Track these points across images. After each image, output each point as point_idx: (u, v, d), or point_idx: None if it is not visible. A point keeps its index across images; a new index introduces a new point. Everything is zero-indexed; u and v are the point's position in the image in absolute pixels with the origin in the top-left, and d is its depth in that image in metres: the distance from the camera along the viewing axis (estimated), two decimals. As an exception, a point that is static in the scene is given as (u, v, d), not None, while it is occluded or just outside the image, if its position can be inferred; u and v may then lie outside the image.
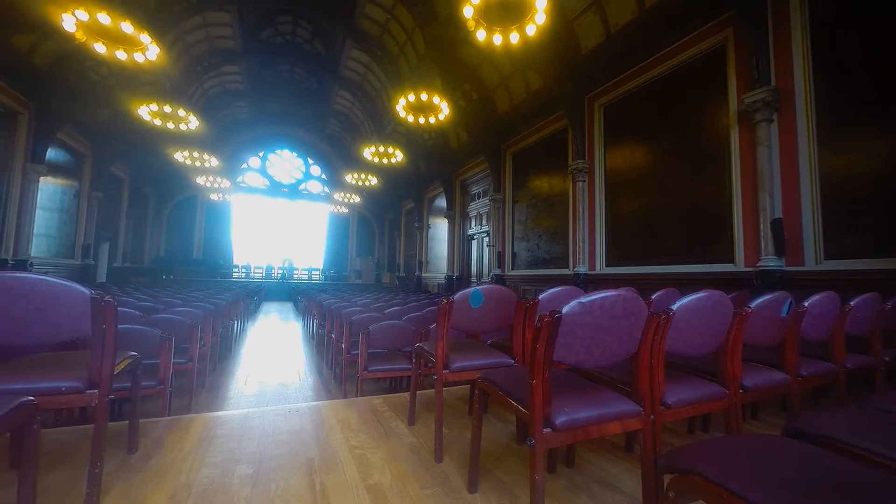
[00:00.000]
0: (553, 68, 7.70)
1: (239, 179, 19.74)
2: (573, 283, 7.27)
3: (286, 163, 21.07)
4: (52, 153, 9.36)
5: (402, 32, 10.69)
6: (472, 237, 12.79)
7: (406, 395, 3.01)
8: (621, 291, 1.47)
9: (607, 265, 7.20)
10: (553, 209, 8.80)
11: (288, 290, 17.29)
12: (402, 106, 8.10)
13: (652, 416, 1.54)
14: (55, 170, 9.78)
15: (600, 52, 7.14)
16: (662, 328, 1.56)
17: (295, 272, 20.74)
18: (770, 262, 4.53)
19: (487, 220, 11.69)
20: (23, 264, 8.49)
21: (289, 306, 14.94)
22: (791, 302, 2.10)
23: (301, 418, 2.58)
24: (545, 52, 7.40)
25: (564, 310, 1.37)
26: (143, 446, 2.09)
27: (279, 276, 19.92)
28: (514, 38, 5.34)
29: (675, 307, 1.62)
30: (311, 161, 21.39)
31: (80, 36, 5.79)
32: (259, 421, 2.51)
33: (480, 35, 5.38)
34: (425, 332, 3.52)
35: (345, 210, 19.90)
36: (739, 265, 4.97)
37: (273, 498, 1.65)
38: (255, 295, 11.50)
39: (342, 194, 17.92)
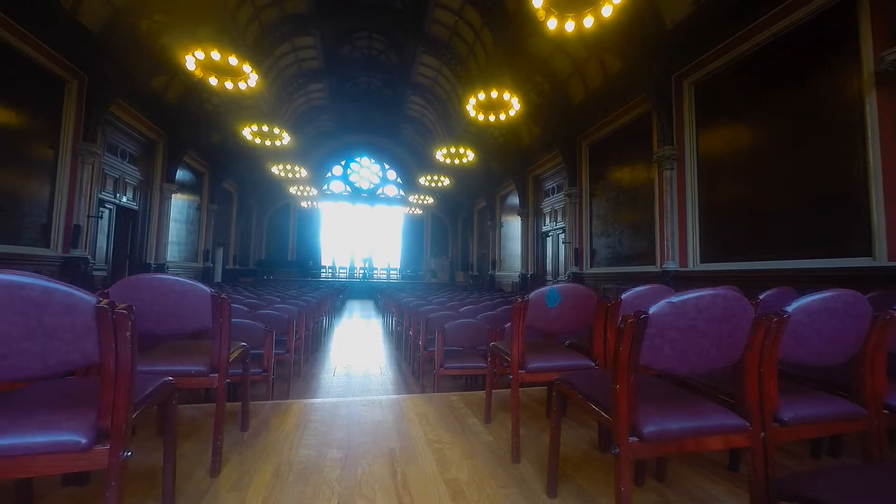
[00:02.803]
0: (633, 48, 7.12)
1: (325, 188, 21.53)
2: (661, 281, 6.65)
3: (365, 169, 22.45)
4: (180, 173, 11.13)
5: (470, 33, 10.73)
6: (546, 234, 12.38)
7: (482, 393, 3.03)
8: (720, 290, 1.31)
9: (702, 261, 6.45)
10: (636, 202, 8.14)
11: (369, 289, 18.41)
12: (472, 105, 8.14)
13: (762, 433, 1.35)
14: (182, 187, 11.61)
15: (688, 25, 6.43)
16: (774, 333, 1.36)
17: (374, 271, 22.05)
18: (926, 254, 3.68)
19: (563, 216, 11.22)
20: (161, 267, 10.23)
21: (370, 304, 15.91)
22: (959, 304, 1.68)
23: (383, 410, 2.73)
24: (623, 32, 6.87)
25: (652, 310, 1.26)
26: (253, 425, 2.39)
27: (361, 275, 21.32)
28: (588, 22, 5.04)
29: (790, 308, 1.40)
30: (387, 166, 22.52)
31: (199, 72, 6.80)
32: (346, 410, 2.71)
33: (551, 24, 5.18)
34: (500, 331, 3.50)
35: (419, 211, 20.61)
36: (880, 259, 4.11)
37: (360, 482, 1.77)
38: (340, 293, 12.46)
39: (416, 196, 18.58)
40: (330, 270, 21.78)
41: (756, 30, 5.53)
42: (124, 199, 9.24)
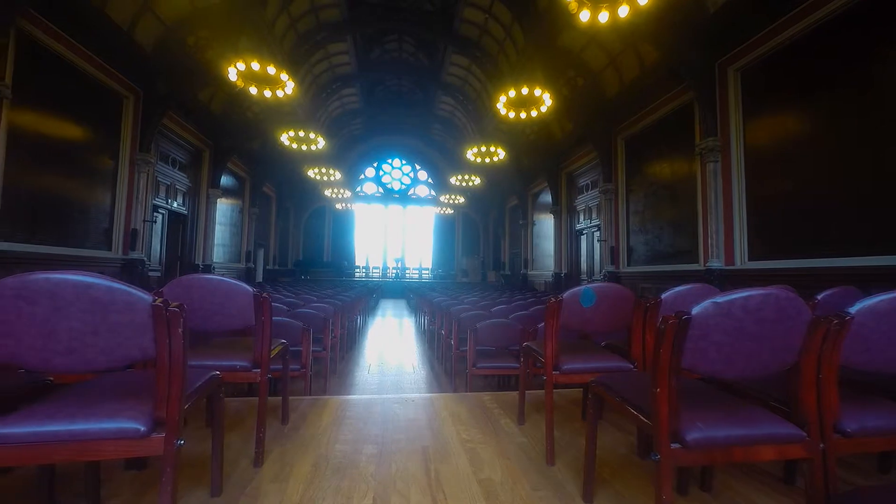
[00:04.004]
0: (673, 36, 6.79)
1: (358, 189, 22.05)
2: (705, 280, 6.31)
3: (396, 170, 22.81)
4: (224, 179, 11.76)
5: (500, 30, 10.63)
6: (580, 232, 12.06)
7: (514, 393, 2.99)
8: (772, 290, 1.22)
9: (750, 259, 6.06)
10: (676, 197, 7.76)
11: (401, 289, 18.67)
12: (502, 103, 8.07)
13: (822, 445, 1.25)
14: (226, 192, 12.27)
15: (734, 7, 6.03)
16: (835, 336, 1.25)
17: (407, 271, 22.34)
18: None
19: (598, 214, 10.89)
20: (208, 268, 10.86)
21: (402, 303, 16.13)
22: None
23: (416, 408, 2.77)
24: (662, 19, 6.56)
25: (695, 311, 1.20)
26: (292, 419, 2.49)
27: (394, 275, 21.67)
28: (623, 11, 4.87)
29: (854, 310, 1.29)
30: (418, 167, 22.75)
31: (240, 83, 7.16)
32: (380, 407, 2.77)
33: (584, 16, 5.04)
34: (533, 331, 3.44)
35: (450, 211, 20.66)
36: (962, 255, 3.70)
37: (394, 478, 1.80)
38: (373, 293, 12.72)
39: (447, 196, 18.64)
40: (364, 270, 22.28)
41: (812, 7, 5.10)
42: (175, 205, 9.89)
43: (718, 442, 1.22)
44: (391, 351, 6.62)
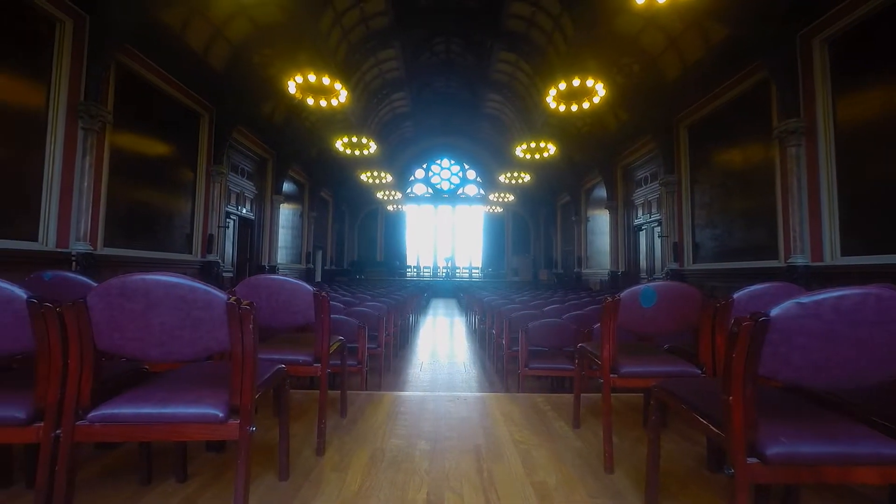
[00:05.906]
0: (742, 9, 6.17)
1: (408, 191, 22.57)
2: (787, 278, 5.67)
3: (446, 171, 23.04)
4: (285, 186, 12.60)
5: (548, 21, 10.32)
6: (639, 228, 11.38)
7: (569, 395, 2.90)
8: (872, 289, 1.07)
9: (843, 254, 5.35)
10: (750, 186, 7.06)
11: (452, 288, 18.82)
12: (552, 97, 7.84)
13: (940, 469, 1.07)
14: (288, 198, 13.14)
15: (820, -29, 5.37)
16: (956, 343, 1.07)
17: (457, 270, 22.48)
18: None
19: (658, 208, 10.21)
20: (273, 269, 11.70)
21: (453, 302, 16.26)
22: None
23: (468, 406, 2.78)
24: (730, -7, 6.00)
25: (774, 312, 1.08)
26: (350, 412, 2.61)
27: (444, 274, 21.92)
28: (685, -11, 4.52)
29: (982, 313, 1.09)
30: (466, 166, 22.80)
31: (298, 94, 7.63)
32: (433, 404, 2.81)
33: (640, -2, 4.75)
34: (588, 332, 3.31)
35: (499, 209, 20.47)
36: None
37: (447, 475, 1.82)
38: (424, 292, 12.94)
39: (496, 195, 18.48)
40: (415, 270, 22.77)
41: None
42: (244, 211, 10.77)
43: (805, 459, 1.09)
44: (442, 349, 6.70)
